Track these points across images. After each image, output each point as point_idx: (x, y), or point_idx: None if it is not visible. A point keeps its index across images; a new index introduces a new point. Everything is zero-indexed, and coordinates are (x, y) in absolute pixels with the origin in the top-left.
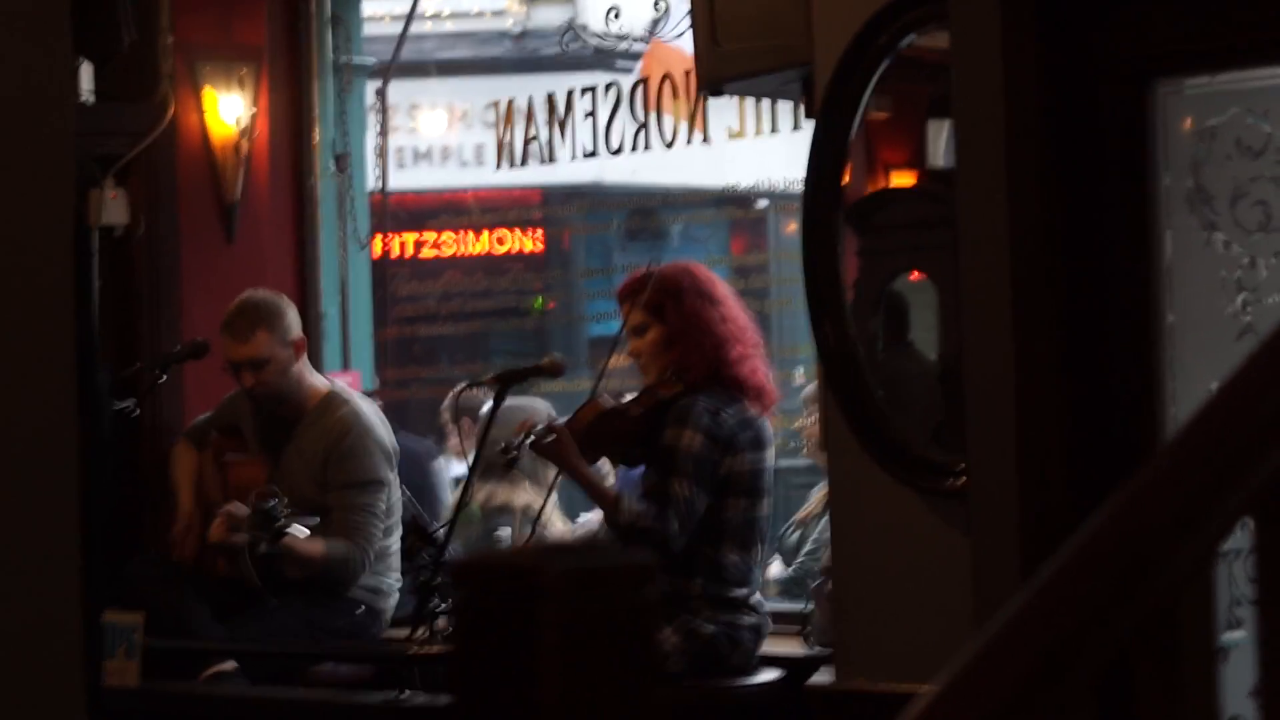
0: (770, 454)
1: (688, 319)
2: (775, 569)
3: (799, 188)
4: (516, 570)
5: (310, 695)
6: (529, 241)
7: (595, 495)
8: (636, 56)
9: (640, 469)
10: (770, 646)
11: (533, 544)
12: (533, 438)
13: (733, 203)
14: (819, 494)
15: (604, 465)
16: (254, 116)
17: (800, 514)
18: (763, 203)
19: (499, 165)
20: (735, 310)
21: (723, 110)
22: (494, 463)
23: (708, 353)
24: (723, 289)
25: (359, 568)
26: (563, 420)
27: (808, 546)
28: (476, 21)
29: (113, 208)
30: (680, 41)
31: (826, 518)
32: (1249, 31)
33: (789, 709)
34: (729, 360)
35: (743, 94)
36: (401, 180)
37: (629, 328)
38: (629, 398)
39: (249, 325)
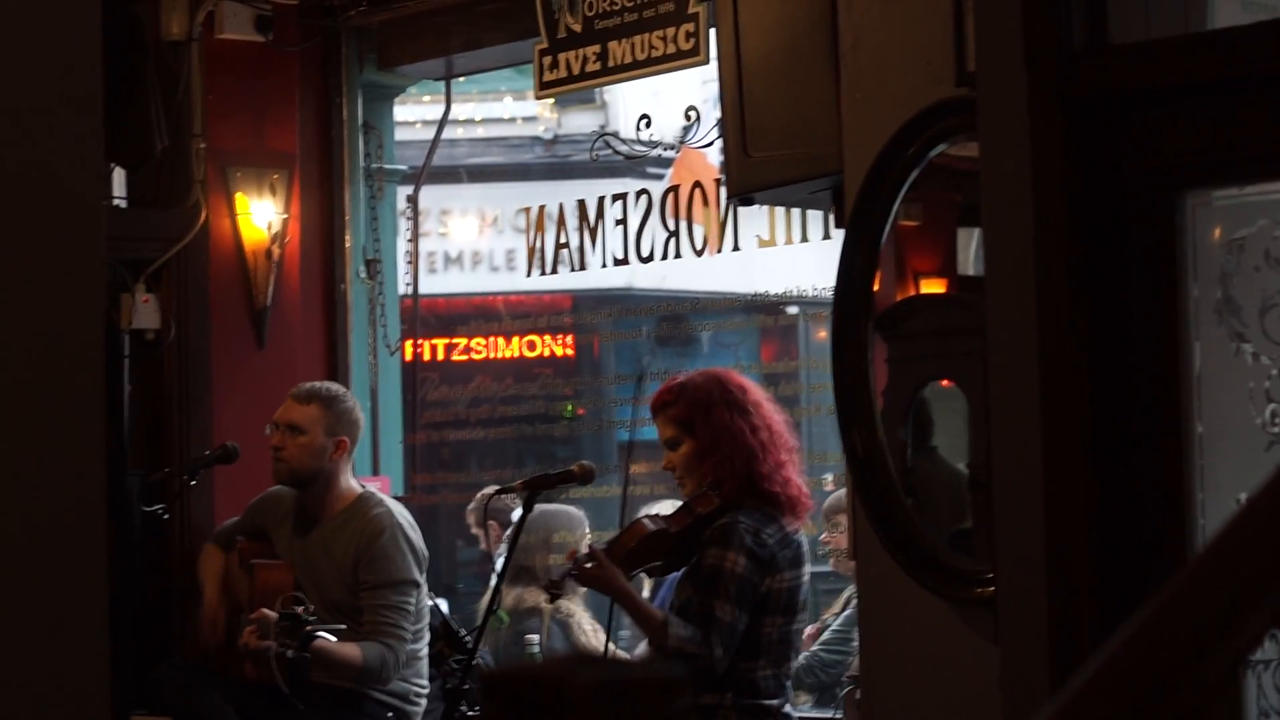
0: (806, 570)
1: (717, 433)
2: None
3: (829, 295)
4: (545, 681)
5: None
6: (559, 347)
7: (641, 619)
8: (667, 164)
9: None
10: None
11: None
12: (575, 568)
13: (763, 310)
14: (842, 597)
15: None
16: (285, 222)
17: (826, 613)
18: (793, 310)
19: (530, 271)
20: (768, 417)
21: (753, 218)
22: (527, 569)
23: (739, 467)
24: (755, 395)
25: (393, 669)
26: (604, 545)
27: (825, 636)
28: (508, 128)
29: (144, 312)
30: (710, 150)
31: (845, 612)
32: (1278, 143)
33: None
34: (761, 474)
35: (773, 203)
36: (432, 285)
37: (662, 440)
38: (667, 512)
39: (311, 395)
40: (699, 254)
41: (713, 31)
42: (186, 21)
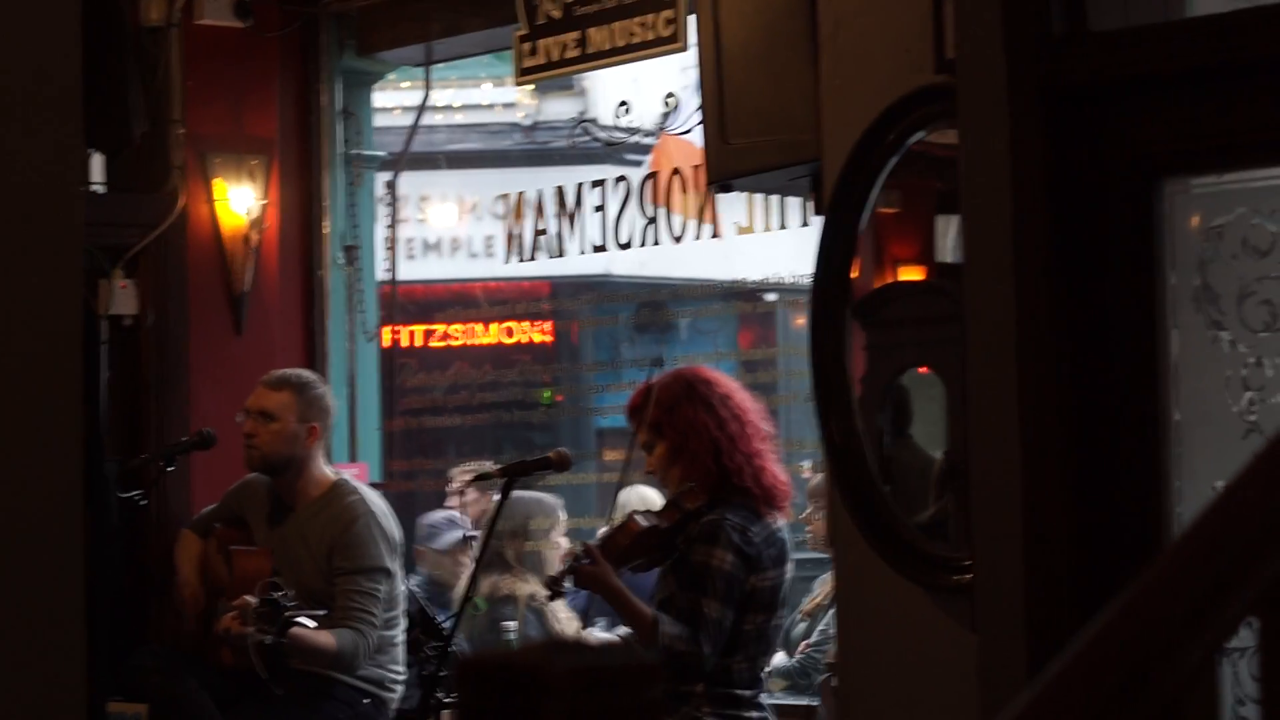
0: (790, 566)
1: (683, 432)
2: (779, 658)
3: (807, 282)
4: (521, 668)
5: None
6: (537, 333)
7: (632, 618)
8: (646, 150)
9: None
10: None
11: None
12: (574, 569)
13: (741, 297)
14: (824, 585)
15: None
16: (264, 208)
17: (807, 605)
18: (771, 297)
19: (508, 257)
20: (738, 409)
21: (732, 205)
22: (501, 556)
23: (708, 463)
24: (723, 389)
25: (364, 655)
26: (598, 542)
27: (814, 638)
28: (487, 114)
29: (122, 297)
30: (690, 136)
31: (833, 610)
32: (1256, 131)
33: None
34: (731, 470)
35: (751, 189)
36: (411, 271)
37: (640, 445)
38: (656, 510)
39: (282, 381)
40: (677, 241)
41: (692, 18)
42: (166, 7)
